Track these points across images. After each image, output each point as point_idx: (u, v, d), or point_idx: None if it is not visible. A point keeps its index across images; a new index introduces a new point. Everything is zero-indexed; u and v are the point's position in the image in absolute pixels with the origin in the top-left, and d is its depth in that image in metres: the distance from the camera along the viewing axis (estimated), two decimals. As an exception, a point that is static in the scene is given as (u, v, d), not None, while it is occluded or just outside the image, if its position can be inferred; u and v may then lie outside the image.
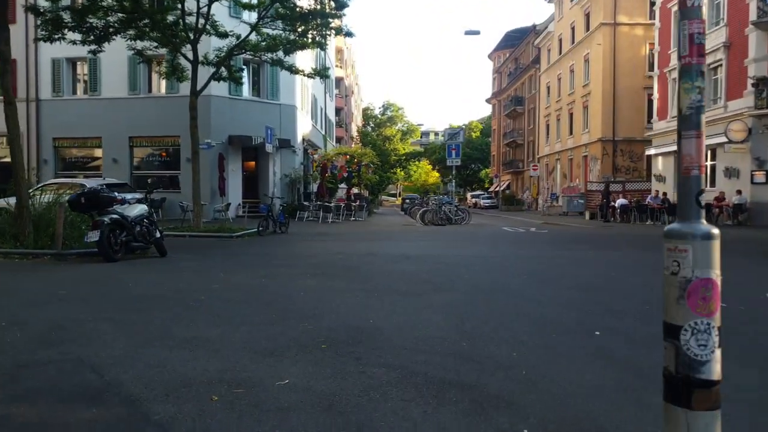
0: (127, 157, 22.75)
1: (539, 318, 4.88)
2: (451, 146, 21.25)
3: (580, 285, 6.77)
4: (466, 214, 22.28)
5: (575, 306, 5.40)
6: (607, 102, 32.80)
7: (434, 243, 13.16)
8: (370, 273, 7.83)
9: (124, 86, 22.55)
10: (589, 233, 17.12)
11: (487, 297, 5.93)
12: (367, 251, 11.02)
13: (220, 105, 22.22)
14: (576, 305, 5.44)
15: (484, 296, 5.98)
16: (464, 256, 10.21)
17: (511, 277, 7.50)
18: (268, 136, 16.68)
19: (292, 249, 11.81)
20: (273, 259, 9.76)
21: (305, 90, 27.22)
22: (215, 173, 21.83)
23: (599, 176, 32.71)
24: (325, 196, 24.40)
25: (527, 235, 15.83)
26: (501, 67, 60.73)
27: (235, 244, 12.97)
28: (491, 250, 11.54)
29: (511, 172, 54.54)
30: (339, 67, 51.29)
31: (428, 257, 9.87)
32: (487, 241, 13.92)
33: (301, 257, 10.11)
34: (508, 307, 5.34)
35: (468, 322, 4.67)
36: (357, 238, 14.63)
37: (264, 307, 5.34)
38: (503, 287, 6.58)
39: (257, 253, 10.86)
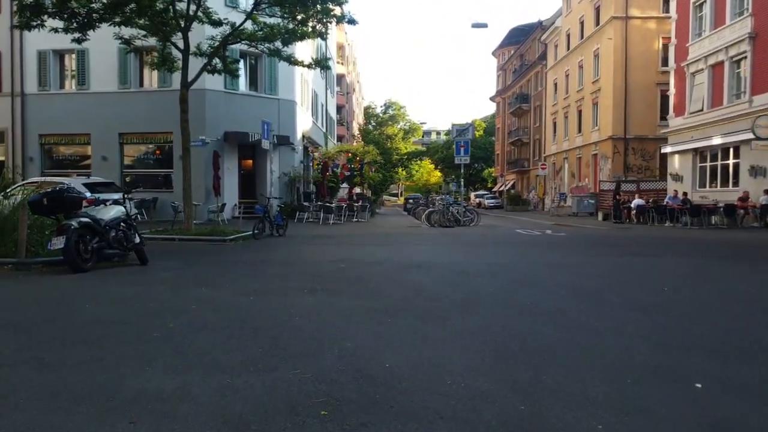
0: (117, 154, 21.60)
1: (606, 356, 3.71)
2: (459, 143, 20.03)
3: (638, 304, 5.59)
4: (474, 215, 21.12)
5: (646, 337, 4.23)
6: (619, 98, 31.62)
7: (445, 248, 12.00)
8: (378, 286, 6.67)
9: (114, 80, 21.40)
10: (613, 236, 15.94)
11: (528, 322, 4.76)
12: (373, 258, 9.87)
13: (215, 99, 21.07)
14: (647, 336, 4.27)
15: (523, 321, 4.82)
16: (483, 263, 9.04)
17: (546, 292, 6.33)
18: (265, 132, 15.52)
19: (290, 255, 10.65)
20: (267, 267, 8.60)
21: (305, 85, 26.06)
22: (210, 172, 20.67)
23: (610, 175, 31.54)
24: (326, 196, 23.22)
25: (545, 239, 14.66)
26: (506, 64, 59.53)
27: (228, 249, 11.82)
28: (511, 256, 10.37)
29: (516, 171, 53.35)
30: (340, 63, 50.13)
31: (442, 265, 8.71)
32: (503, 245, 12.75)
33: (298, 266, 8.95)
34: (559, 339, 4.17)
35: (515, 366, 3.51)
36: (360, 242, 13.47)
37: (248, 338, 4.18)
38: (543, 307, 5.41)
39: (250, 260, 9.70)
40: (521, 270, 8.28)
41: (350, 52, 59.45)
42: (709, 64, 22.39)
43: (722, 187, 21.89)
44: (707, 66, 22.51)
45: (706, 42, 22.57)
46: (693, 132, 23.44)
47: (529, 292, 6.32)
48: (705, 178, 23.22)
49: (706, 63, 22.55)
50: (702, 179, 23.40)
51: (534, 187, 48.72)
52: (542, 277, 7.55)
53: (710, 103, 22.48)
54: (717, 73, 22.13)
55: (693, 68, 23.53)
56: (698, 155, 23.56)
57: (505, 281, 7.11)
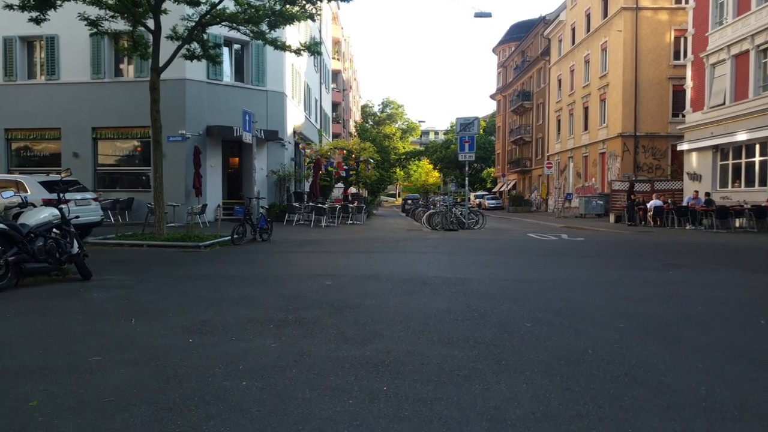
0: (89, 150, 19.78)
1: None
2: (463, 138, 18.25)
3: (746, 349, 3.85)
4: (479, 217, 19.38)
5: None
6: (628, 94, 29.92)
7: (453, 256, 10.25)
8: (371, 318, 4.93)
9: (86, 69, 19.59)
10: (637, 242, 14.21)
11: (610, 393, 3.01)
12: (367, 270, 8.11)
13: (197, 91, 19.29)
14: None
15: (600, 391, 3.07)
16: (505, 279, 7.30)
17: (606, 327, 4.58)
18: (246, 123, 13.75)
19: (267, 267, 8.89)
20: (234, 285, 6.85)
21: (297, 77, 24.28)
22: (190, 170, 18.88)
23: (619, 175, 29.85)
24: (318, 197, 21.45)
25: (564, 245, 12.92)
26: (507, 60, 57.84)
27: (198, 258, 10.07)
28: (536, 269, 8.60)
29: (518, 171, 51.63)
30: (336, 59, 48.36)
31: (455, 282, 6.97)
32: (519, 253, 11.00)
33: (274, 283, 7.19)
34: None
35: None
36: (354, 249, 11.72)
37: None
38: (625, 366, 3.65)
39: (216, 274, 7.94)
40: (557, 291, 6.53)
41: (347, 49, 57.70)
42: (732, 54, 20.70)
43: (747, 186, 20.20)
44: (730, 56, 20.83)
45: (729, 30, 20.89)
46: (713, 128, 21.75)
47: (585, 329, 4.57)
48: (726, 177, 21.52)
49: (728, 53, 20.88)
50: (723, 178, 21.71)
51: (536, 188, 47.03)
52: (588, 302, 5.81)
53: (733, 96, 20.80)
54: (741, 64, 20.45)
55: (713, 59, 21.85)
56: (719, 153, 21.88)
57: (543, 310, 5.37)
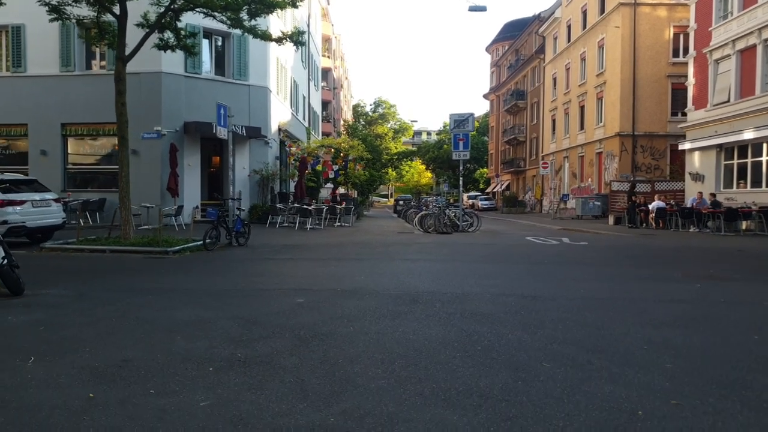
0: (58, 148, 18.51)
1: None
2: (458, 136, 17.18)
3: None
4: (474, 219, 18.31)
5: None
6: (626, 92, 29.00)
7: (448, 265, 9.16)
8: (345, 356, 3.81)
9: (55, 62, 18.32)
10: (645, 246, 13.18)
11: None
12: (349, 283, 7.00)
13: (174, 84, 18.07)
14: None
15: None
16: (508, 295, 6.20)
17: (656, 370, 3.49)
18: (221, 117, 12.60)
19: (235, 278, 7.75)
20: (187, 303, 5.71)
21: (282, 72, 23.10)
22: (166, 169, 17.67)
23: (617, 175, 28.94)
24: (304, 197, 20.30)
25: (567, 251, 11.86)
26: (500, 59, 56.92)
27: (162, 266, 8.94)
28: (543, 281, 7.50)
29: (512, 171, 50.70)
30: (327, 56, 47.20)
31: (450, 299, 5.87)
32: (522, 261, 9.91)
33: (235, 300, 6.05)
34: None
35: None
36: (337, 255, 10.61)
37: None
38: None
39: (173, 287, 6.81)
40: (573, 311, 5.44)
41: (337, 46, 56.56)
42: (738, 49, 19.80)
43: (753, 187, 19.28)
44: (735, 51, 19.93)
45: (734, 24, 19.99)
46: (717, 126, 20.84)
47: (622, 372, 3.46)
48: (731, 177, 20.61)
49: (733, 48, 19.97)
50: (727, 179, 20.79)
51: (531, 188, 46.12)
52: (614, 327, 4.72)
53: (738, 93, 19.89)
54: (747, 59, 19.54)
55: (717, 54, 20.94)
56: (723, 152, 20.97)
57: (562, 340, 4.28)
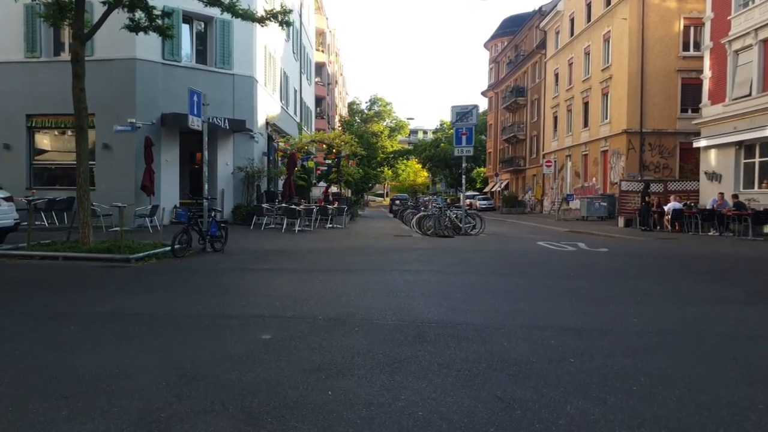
0: (23, 142, 16.93)
1: None
2: (460, 130, 15.69)
3: None
4: (477, 221, 16.84)
5: None
6: (634, 88, 27.62)
7: (457, 279, 7.67)
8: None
9: (20, 47, 16.74)
10: (679, 254, 11.73)
11: None
12: (336, 307, 5.49)
13: (150, 72, 16.51)
14: None
15: None
16: (542, 328, 4.70)
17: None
18: (193, 105, 11.08)
19: (193, 298, 6.22)
20: (114, 339, 4.20)
21: (271, 62, 21.56)
22: (141, 165, 16.11)
23: (623, 174, 27.58)
24: (293, 196, 18.77)
25: (589, 259, 10.39)
26: (499, 56, 55.49)
27: (114, 278, 7.44)
28: (578, 303, 5.96)
29: (511, 170, 49.29)
30: (320, 51, 45.66)
31: (467, 335, 4.37)
32: (540, 273, 8.41)
33: (180, 335, 4.53)
34: None
35: None
36: (325, 265, 9.11)
37: None
38: None
39: (113, 311, 5.28)
40: (641, 358, 3.95)
41: (332, 41, 55.03)
42: (761, 38, 18.42)
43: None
44: (757, 41, 18.54)
45: (756, 12, 18.61)
46: (736, 122, 19.46)
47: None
48: (752, 176, 19.23)
49: (755, 37, 18.58)
50: (748, 178, 19.40)
51: (531, 188, 44.73)
52: (716, 391, 3.25)
53: (761, 86, 18.52)
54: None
55: (737, 45, 19.55)
56: (743, 149, 19.59)
57: (652, 420, 2.80)
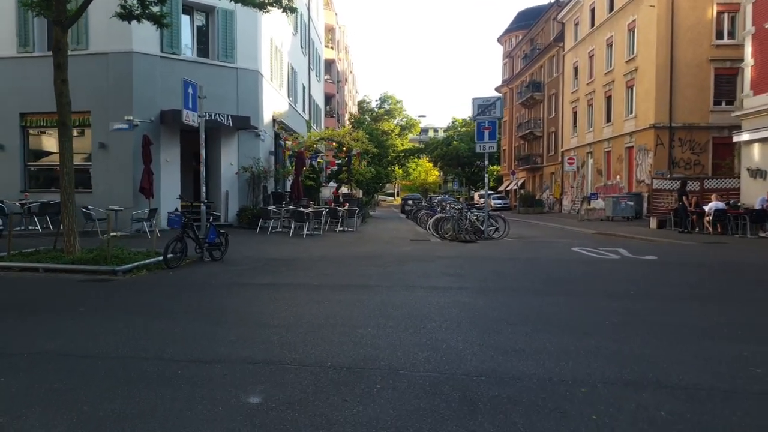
0: (17, 142, 15.93)
1: None
2: (482, 124, 14.38)
3: None
4: (501, 223, 15.53)
5: None
6: (662, 79, 26.07)
7: (495, 300, 6.39)
8: None
9: (12, 41, 15.73)
10: (755, 264, 10.37)
11: None
12: (349, 345, 4.22)
13: (148, 66, 15.40)
14: None
15: None
16: (646, 387, 3.39)
17: None
18: (188, 97, 9.94)
19: (164, 332, 4.97)
20: (31, 406, 2.99)
21: (278, 56, 20.39)
22: (139, 165, 15.02)
23: (650, 172, 26.07)
24: (301, 198, 17.58)
25: (643, 270, 9.02)
26: (513, 50, 53.95)
27: (88, 297, 6.29)
28: (672, 342, 4.61)
29: (527, 168, 47.77)
30: (330, 47, 44.52)
31: (543, 406, 3.10)
32: (595, 290, 7.07)
33: (121, 398, 3.32)
34: None
35: None
36: (337, 278, 7.88)
37: None
38: None
39: (51, 350, 4.07)
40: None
41: (342, 38, 53.86)
42: (809, 22, 16.93)
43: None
44: (805, 25, 17.05)
45: (804, -6, 17.11)
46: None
47: None
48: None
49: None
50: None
51: (548, 186, 43.21)
52: None
53: (810, 74, 17.02)
54: (821, 34, 16.66)
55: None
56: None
57: None
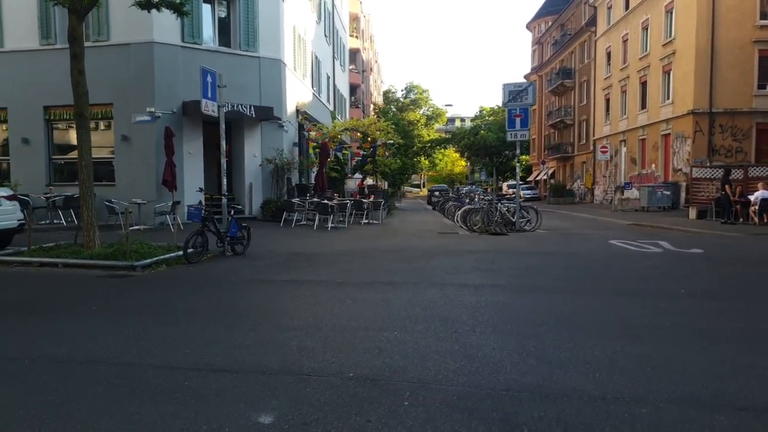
0: (41, 135, 15.92)
1: None
2: (513, 111, 13.71)
3: None
4: (533, 214, 14.88)
5: None
6: (702, 63, 24.79)
7: (529, 299, 5.86)
8: None
9: (34, 34, 15.67)
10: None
11: None
12: (372, 351, 3.75)
13: (169, 57, 15.16)
14: None
15: None
16: (710, 405, 2.84)
17: None
18: (207, 86, 9.55)
19: (174, 333, 4.60)
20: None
21: (300, 44, 19.99)
22: (161, 157, 14.83)
23: (689, 160, 24.91)
24: (326, 190, 17.21)
25: (689, 264, 8.35)
26: (543, 36, 52.50)
27: (102, 295, 6.01)
28: (740, 351, 4.04)
29: (557, 158, 46.54)
30: (354, 37, 43.94)
31: (588, 419, 2.57)
32: (641, 292, 6.47)
33: (120, 412, 2.92)
34: None
35: None
36: (360, 274, 7.44)
37: None
38: None
39: (39, 355, 3.73)
40: None
41: (366, 27, 53.19)
42: None
43: None
44: None
45: None
46: (835, 96, 16.78)
47: None
48: None
49: None
50: None
51: (579, 176, 42.01)
52: None
53: None
54: None
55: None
56: (843, 128, 16.90)
57: None
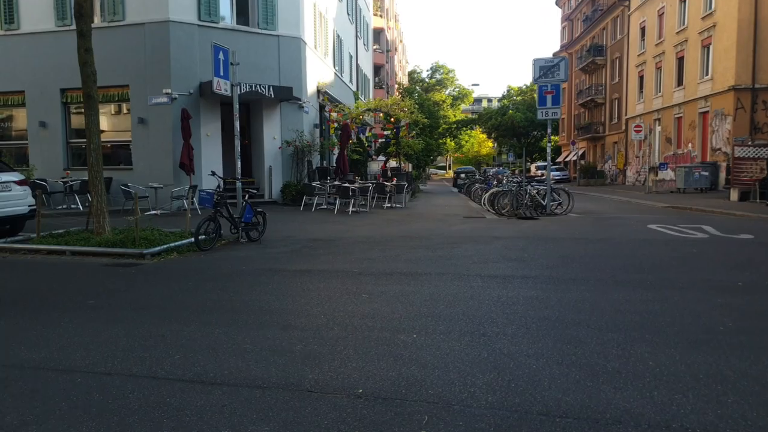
0: (59, 118, 15.72)
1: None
2: (544, 88, 12.87)
3: None
4: (565, 197, 14.11)
5: None
6: (745, 36, 23.33)
7: (566, 294, 5.24)
8: None
9: (50, 15, 15.40)
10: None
11: None
12: (389, 363, 3.21)
13: (186, 36, 14.72)
14: None
15: None
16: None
17: None
18: (219, 64, 9.06)
19: (180, 332, 4.14)
20: None
21: (322, 22, 19.32)
22: (178, 140, 14.48)
23: (729, 139, 23.60)
24: (347, 173, 16.69)
25: (739, 251, 7.58)
26: (573, 12, 50.54)
27: (107, 286, 5.62)
28: None
29: (588, 138, 45.05)
30: (379, 15, 42.97)
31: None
32: (689, 284, 5.76)
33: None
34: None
35: None
36: (379, 266, 6.92)
37: None
38: None
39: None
40: None
41: (391, 5, 52.02)
42: None
43: None
44: None
45: None
46: None
47: None
48: None
49: None
50: None
51: (611, 157, 40.59)
52: None
53: None
54: None
55: None
56: None
57: None
